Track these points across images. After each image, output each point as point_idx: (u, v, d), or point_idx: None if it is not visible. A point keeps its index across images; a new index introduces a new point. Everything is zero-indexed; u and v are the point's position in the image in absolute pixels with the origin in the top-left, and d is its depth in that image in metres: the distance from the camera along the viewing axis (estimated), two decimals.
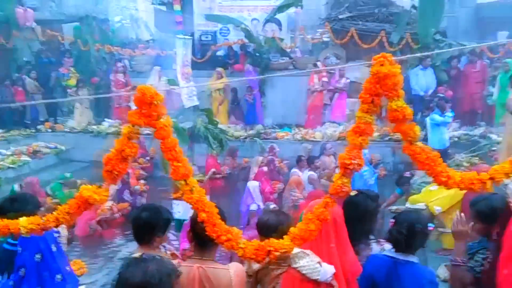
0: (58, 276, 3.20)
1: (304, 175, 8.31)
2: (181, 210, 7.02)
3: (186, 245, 5.27)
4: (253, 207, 7.17)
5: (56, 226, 2.20)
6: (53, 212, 2.17)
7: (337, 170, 7.97)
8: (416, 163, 2.07)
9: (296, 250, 2.30)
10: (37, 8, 14.75)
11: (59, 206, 2.18)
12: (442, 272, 4.94)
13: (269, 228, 2.52)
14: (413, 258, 2.76)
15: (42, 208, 3.56)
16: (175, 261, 3.75)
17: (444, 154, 8.57)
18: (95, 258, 6.85)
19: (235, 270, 2.62)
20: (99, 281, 6.14)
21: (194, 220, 2.68)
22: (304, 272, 2.31)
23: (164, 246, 3.29)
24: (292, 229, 2.13)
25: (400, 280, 2.70)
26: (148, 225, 3.03)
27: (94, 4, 15.17)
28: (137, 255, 2.51)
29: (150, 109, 2.03)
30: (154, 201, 8.66)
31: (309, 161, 8.61)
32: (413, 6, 13.22)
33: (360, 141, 2.03)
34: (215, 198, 8.42)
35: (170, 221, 3.16)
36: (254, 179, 8.35)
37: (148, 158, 10.22)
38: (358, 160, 2.03)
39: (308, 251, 2.37)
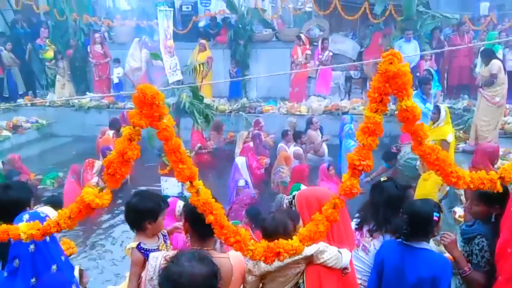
0: (54, 267, 3.13)
1: (290, 149, 8.31)
2: (169, 187, 6.99)
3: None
4: (241, 183, 7.16)
5: (58, 231, 2.14)
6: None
7: (324, 145, 8.01)
8: (426, 163, 2.04)
9: (312, 248, 2.33)
10: None
11: (60, 211, 2.11)
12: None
13: (276, 227, 2.47)
14: (427, 245, 2.78)
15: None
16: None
17: None
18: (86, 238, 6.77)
19: (235, 257, 2.61)
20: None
21: (191, 211, 2.61)
22: (330, 264, 2.39)
23: (164, 235, 3.23)
24: (301, 229, 2.11)
25: (413, 266, 2.72)
26: (135, 210, 3.03)
27: None
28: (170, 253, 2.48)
29: (152, 109, 1.94)
30: (141, 176, 8.60)
31: (296, 136, 8.59)
32: None
33: (370, 141, 1.99)
34: (201, 173, 8.36)
35: (161, 207, 3.10)
36: (240, 154, 8.31)
37: None
38: (368, 161, 2.00)
39: (322, 243, 2.40)
